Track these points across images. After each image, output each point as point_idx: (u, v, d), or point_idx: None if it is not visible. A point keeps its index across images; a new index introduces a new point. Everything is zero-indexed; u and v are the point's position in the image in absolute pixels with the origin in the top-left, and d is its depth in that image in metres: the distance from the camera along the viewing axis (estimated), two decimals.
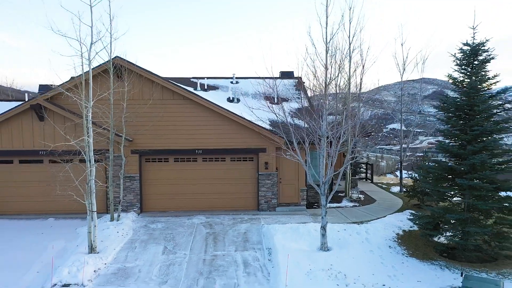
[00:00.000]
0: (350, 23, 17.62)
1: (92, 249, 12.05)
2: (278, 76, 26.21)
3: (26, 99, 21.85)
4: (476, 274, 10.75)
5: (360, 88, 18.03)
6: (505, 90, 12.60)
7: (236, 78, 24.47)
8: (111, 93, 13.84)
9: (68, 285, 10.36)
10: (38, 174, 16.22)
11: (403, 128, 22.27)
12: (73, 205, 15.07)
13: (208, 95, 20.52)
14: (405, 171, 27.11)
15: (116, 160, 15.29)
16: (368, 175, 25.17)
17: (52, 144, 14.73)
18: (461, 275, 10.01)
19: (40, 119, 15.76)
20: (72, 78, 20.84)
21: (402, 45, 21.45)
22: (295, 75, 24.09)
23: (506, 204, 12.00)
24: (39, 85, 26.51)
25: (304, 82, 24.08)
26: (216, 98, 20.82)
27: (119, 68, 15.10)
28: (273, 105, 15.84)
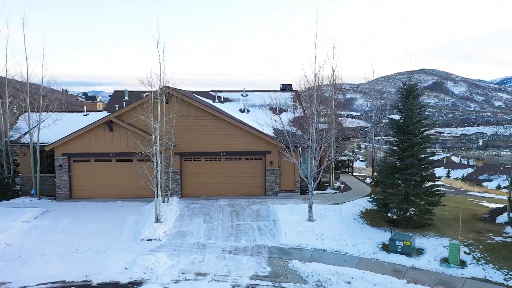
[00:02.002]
0: (333, 58, 23.87)
1: (157, 220, 18.40)
2: (279, 89, 32.45)
3: (85, 110, 28.10)
4: (406, 233, 17.09)
5: (336, 114, 24.35)
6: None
7: (246, 91, 30.67)
8: (163, 115, 20.05)
9: (151, 239, 16.75)
10: (107, 169, 22.56)
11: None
12: (133, 191, 21.61)
13: (224, 106, 26.80)
14: None
15: (165, 160, 21.56)
16: (349, 169, 31.60)
17: (119, 148, 21.20)
18: (390, 232, 16.41)
19: (110, 130, 22.04)
20: (113, 93, 27.03)
21: (373, 72, 28.34)
22: (294, 88, 30.25)
23: (432, 190, 18.43)
24: (86, 96, 32.85)
25: (300, 95, 30.29)
26: (231, 109, 27.08)
27: (170, 95, 21.36)
28: (276, 115, 22.24)
